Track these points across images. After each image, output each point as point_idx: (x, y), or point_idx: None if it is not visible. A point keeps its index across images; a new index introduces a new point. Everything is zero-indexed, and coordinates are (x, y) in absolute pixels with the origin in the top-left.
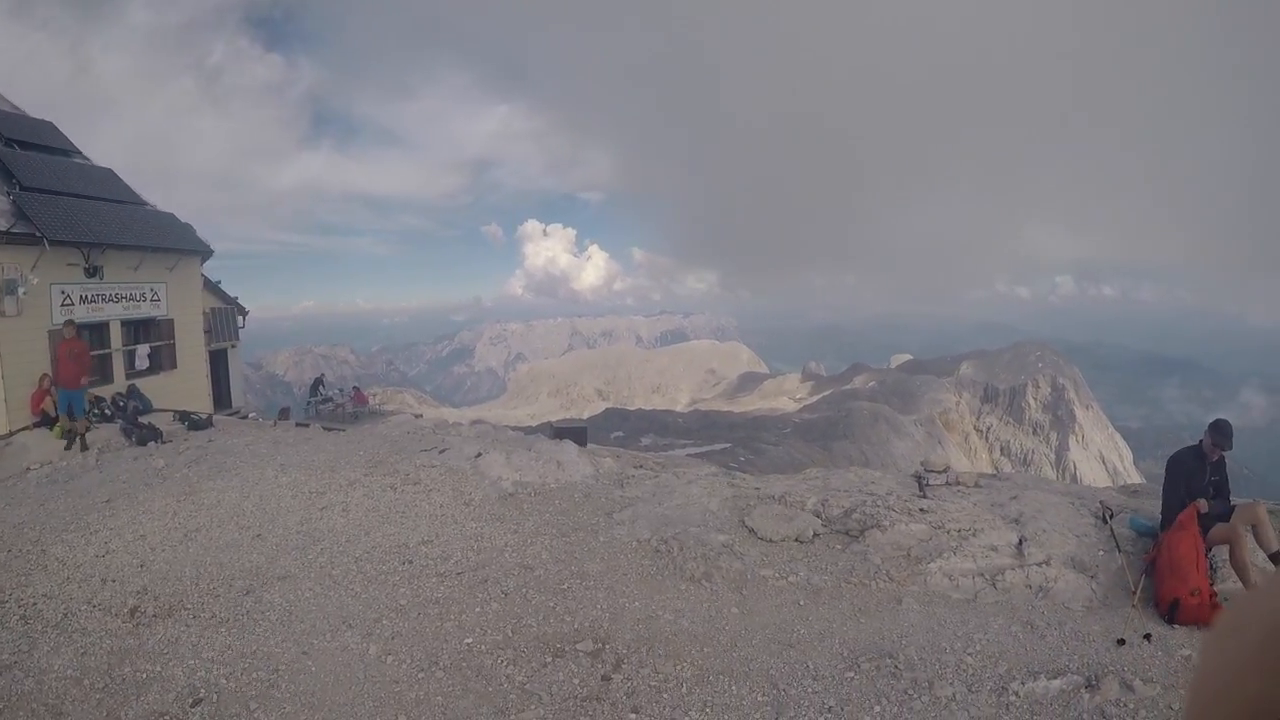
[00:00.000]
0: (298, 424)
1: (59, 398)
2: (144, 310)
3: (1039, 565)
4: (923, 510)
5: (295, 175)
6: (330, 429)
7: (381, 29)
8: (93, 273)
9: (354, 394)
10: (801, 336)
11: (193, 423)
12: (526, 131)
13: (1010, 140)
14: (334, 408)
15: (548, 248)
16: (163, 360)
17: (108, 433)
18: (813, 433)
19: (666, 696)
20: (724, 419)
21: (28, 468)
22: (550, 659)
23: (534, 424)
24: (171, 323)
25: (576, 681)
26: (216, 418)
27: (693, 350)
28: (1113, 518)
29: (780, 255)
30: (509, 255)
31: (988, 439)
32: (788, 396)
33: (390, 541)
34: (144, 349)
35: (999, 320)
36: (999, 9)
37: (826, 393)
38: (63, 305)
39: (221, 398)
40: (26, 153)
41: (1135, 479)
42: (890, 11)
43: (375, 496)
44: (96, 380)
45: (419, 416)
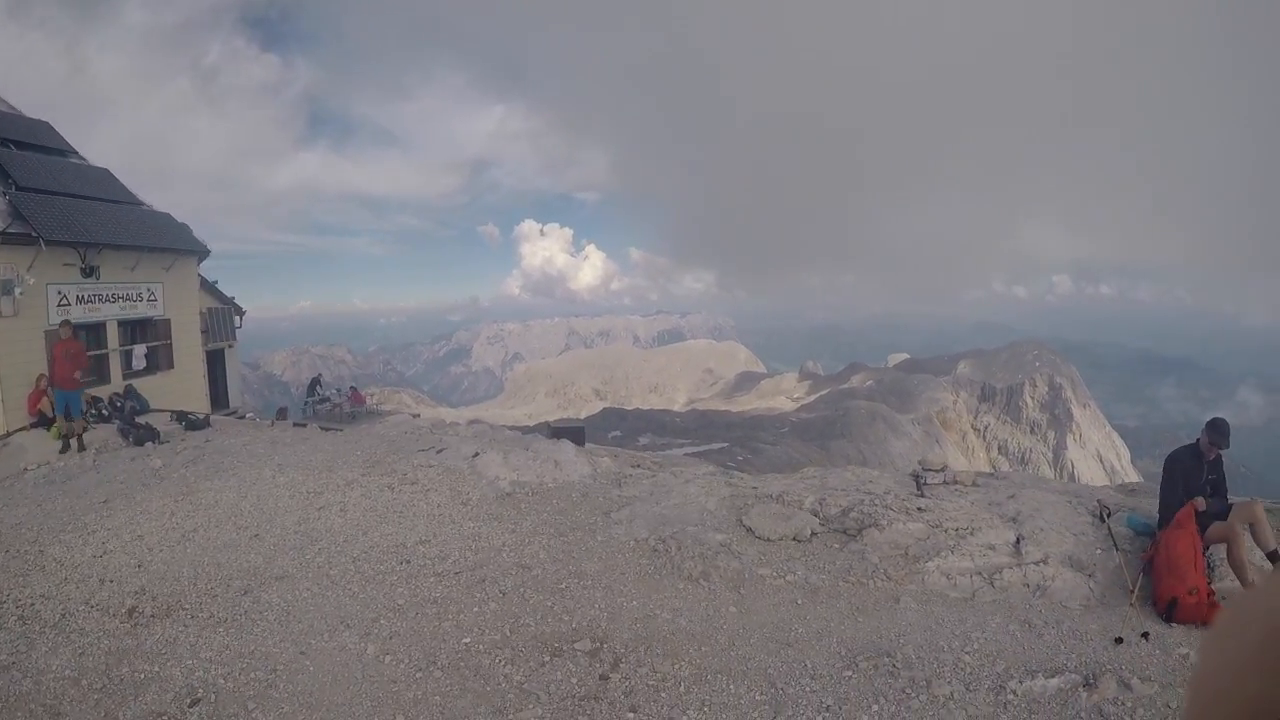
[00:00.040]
0: (295, 424)
1: (56, 399)
2: (141, 310)
3: (1036, 564)
4: (920, 509)
5: (292, 175)
6: (328, 429)
7: (378, 29)
8: (89, 273)
9: (351, 394)
10: (799, 336)
11: (190, 423)
12: (523, 131)
13: (1008, 140)
14: (331, 408)
15: (545, 248)
16: (160, 360)
17: (105, 433)
18: (810, 432)
19: (664, 696)
20: (721, 418)
21: (25, 468)
22: (548, 658)
23: (531, 424)
24: (168, 323)
25: (574, 681)
26: (214, 418)
27: (690, 350)
28: (1110, 516)
29: (778, 255)
30: (506, 255)
31: (985, 438)
32: (785, 396)
33: (388, 541)
34: (141, 349)
35: (996, 320)
36: (997, 9)
37: (824, 392)
38: (59, 305)
39: (219, 398)
40: (23, 153)
41: (1133, 478)
42: (888, 11)
43: (373, 496)
44: (93, 380)
45: (416, 416)
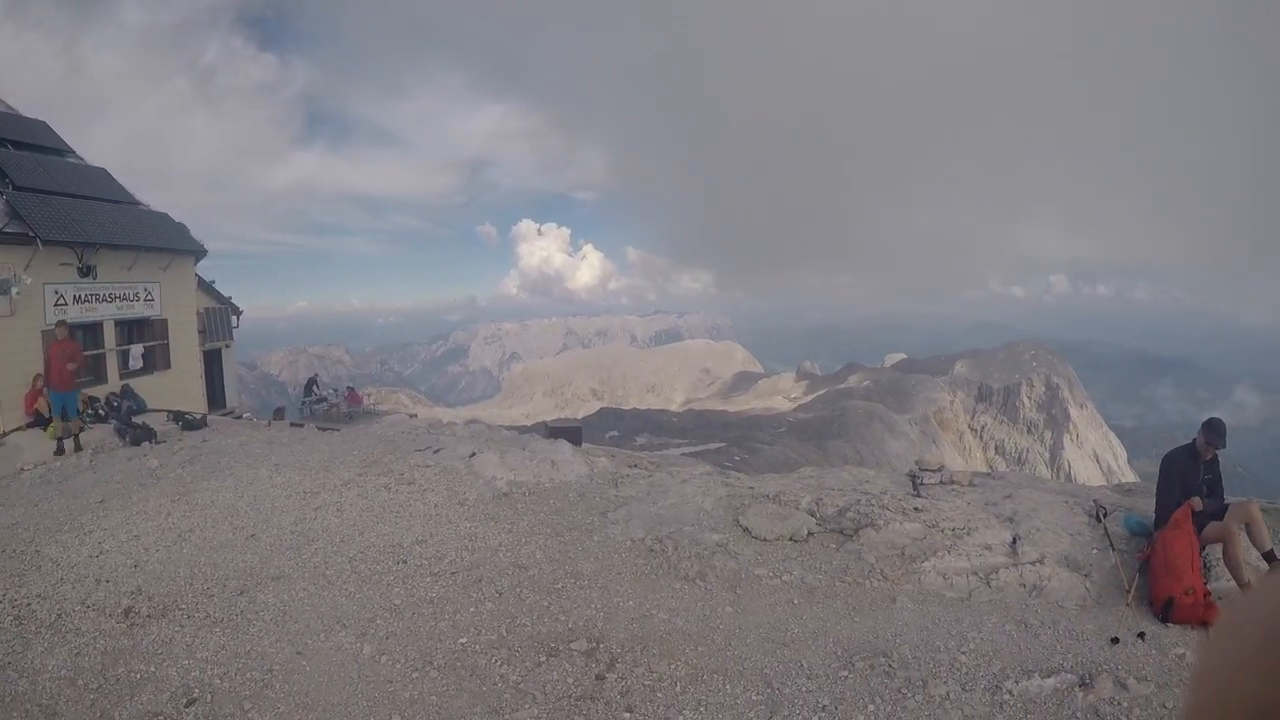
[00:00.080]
0: (292, 424)
1: (52, 400)
2: (138, 310)
3: (1033, 564)
4: (917, 509)
5: (289, 175)
6: (324, 429)
7: (376, 28)
8: (86, 272)
9: (348, 394)
10: (796, 336)
11: (187, 423)
12: (521, 131)
13: (1006, 140)
14: (328, 407)
15: (542, 247)
16: (156, 360)
17: (101, 433)
18: (807, 432)
19: (661, 695)
20: (719, 418)
21: (21, 468)
22: (545, 658)
23: (529, 424)
24: (165, 323)
25: (571, 681)
26: (211, 418)
27: (688, 350)
28: (1106, 516)
29: (775, 255)
30: (503, 255)
31: (982, 438)
32: (782, 396)
33: (384, 541)
34: (138, 349)
35: (993, 320)
36: (995, 9)
37: (821, 392)
38: (56, 305)
39: (216, 398)
40: (20, 152)
41: (1129, 478)
42: (885, 12)
43: (369, 496)
44: (90, 380)
45: (413, 416)
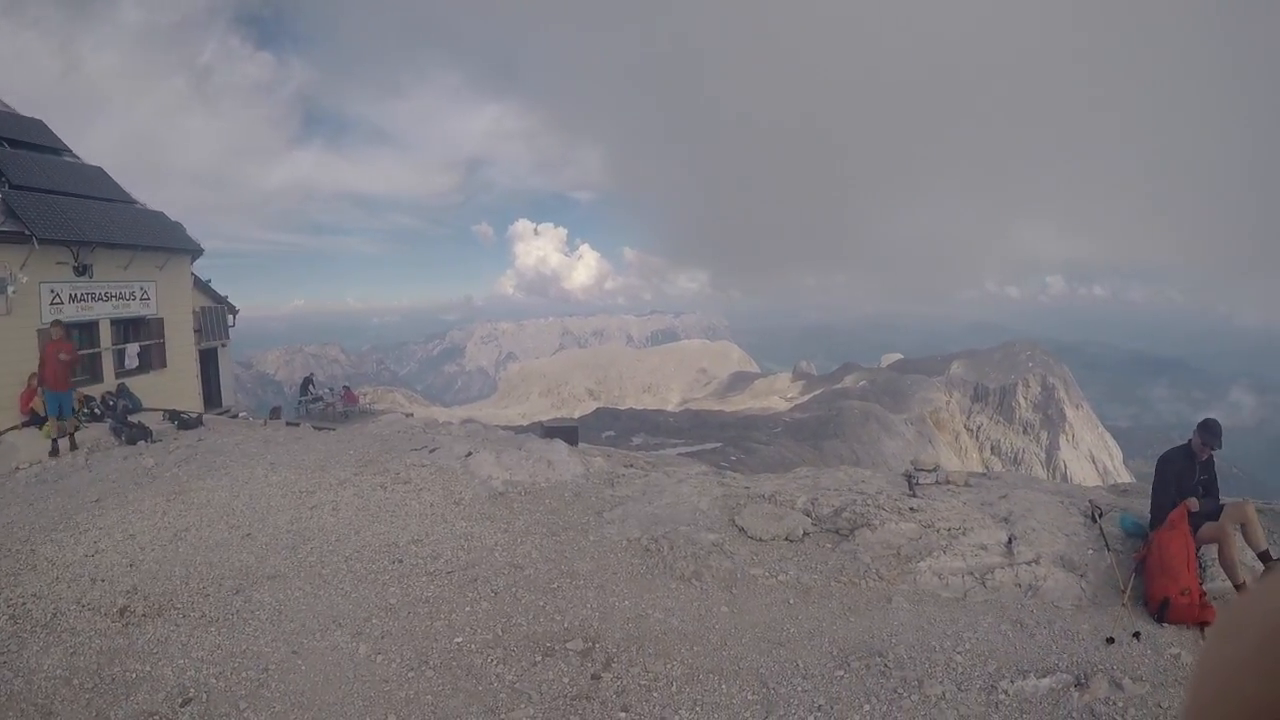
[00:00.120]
0: (288, 423)
1: (47, 399)
2: (134, 309)
3: (1028, 564)
4: (913, 509)
5: (286, 174)
6: (321, 428)
7: (373, 28)
8: (82, 271)
9: (344, 393)
10: (792, 336)
11: (183, 422)
12: (517, 131)
13: (1002, 140)
14: (324, 407)
15: (539, 247)
16: (152, 359)
17: (97, 432)
18: (803, 432)
19: (656, 695)
20: (715, 418)
21: (17, 467)
22: (540, 658)
23: (525, 423)
24: (161, 321)
25: (566, 680)
26: (206, 417)
27: (684, 350)
28: (1102, 516)
29: (772, 255)
30: (500, 254)
31: (978, 438)
32: (778, 396)
33: (380, 541)
34: (134, 348)
35: (989, 320)
36: (991, 10)
37: (817, 392)
38: (52, 304)
39: (212, 397)
40: (16, 151)
41: (1125, 478)
42: (881, 13)
43: (365, 495)
44: (86, 379)
45: (409, 416)
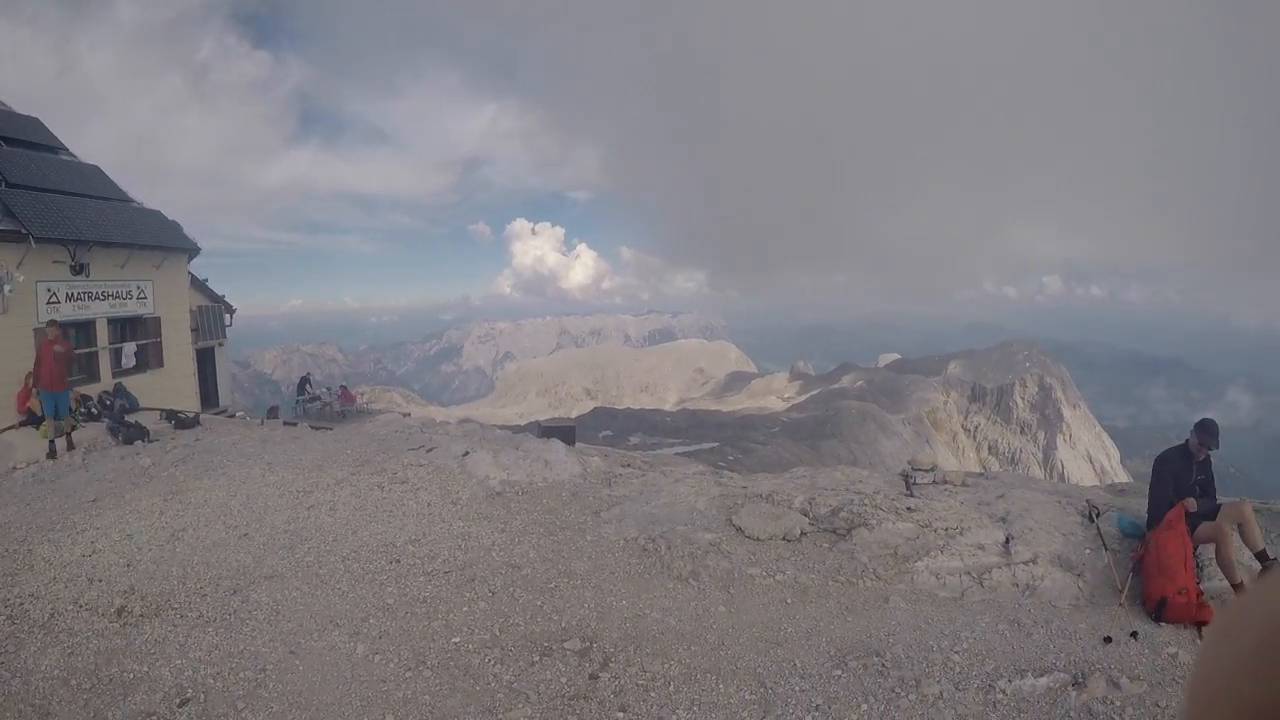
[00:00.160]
0: (285, 423)
1: (43, 400)
2: (130, 308)
3: (1026, 564)
4: (910, 509)
5: (283, 173)
6: (318, 428)
7: (370, 27)
8: (79, 270)
9: (341, 393)
10: (790, 336)
11: (180, 421)
12: (515, 130)
13: (999, 140)
14: (322, 406)
15: (536, 247)
16: (149, 358)
17: (94, 431)
18: (801, 432)
19: (654, 695)
20: (712, 418)
21: (14, 467)
22: (538, 658)
23: (522, 423)
24: (158, 321)
25: (564, 680)
26: (204, 416)
27: (681, 349)
28: (1099, 516)
29: (769, 255)
30: (497, 254)
31: (975, 438)
32: (776, 396)
33: (377, 540)
34: (130, 347)
35: (987, 320)
36: (990, 10)
37: (814, 392)
38: (49, 303)
39: (209, 396)
40: (12, 149)
41: (1122, 478)
42: (880, 12)
43: (362, 495)
44: (82, 379)
45: (407, 415)
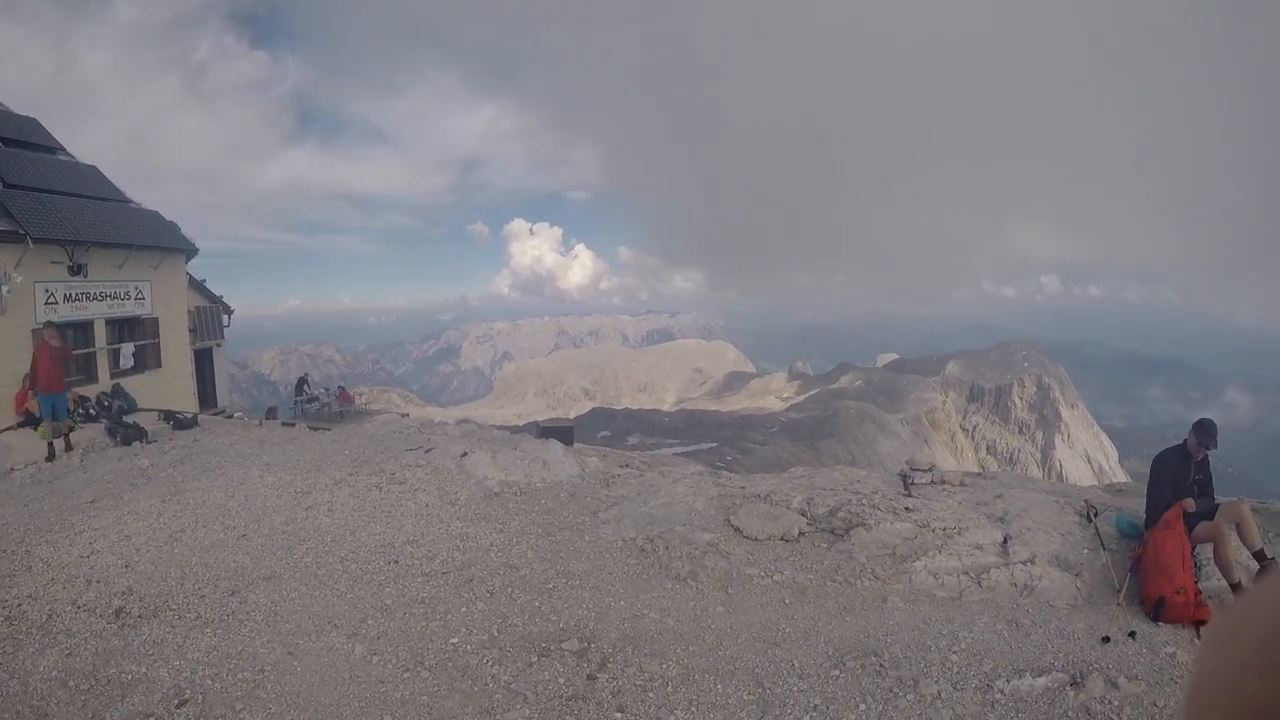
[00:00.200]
0: (283, 423)
1: (41, 402)
2: (128, 309)
3: (1024, 563)
4: (908, 509)
5: (281, 173)
6: (316, 428)
7: (368, 27)
8: (76, 271)
9: (339, 393)
10: (788, 336)
11: (178, 422)
12: (513, 130)
13: (997, 141)
14: (320, 407)
15: (534, 247)
16: (147, 359)
17: (92, 432)
18: (799, 432)
19: (652, 695)
20: (710, 418)
21: (12, 468)
22: (536, 658)
23: (520, 423)
24: (156, 321)
25: (562, 681)
26: (202, 417)
27: (679, 349)
28: (1097, 516)
29: (767, 255)
30: (495, 254)
31: (974, 438)
32: (774, 396)
33: (376, 541)
34: (128, 348)
35: (985, 320)
36: (987, 11)
37: (813, 392)
38: (47, 304)
39: (207, 397)
40: (10, 149)
41: (1120, 478)
42: (877, 13)
43: (361, 496)
44: (80, 379)
45: (405, 416)
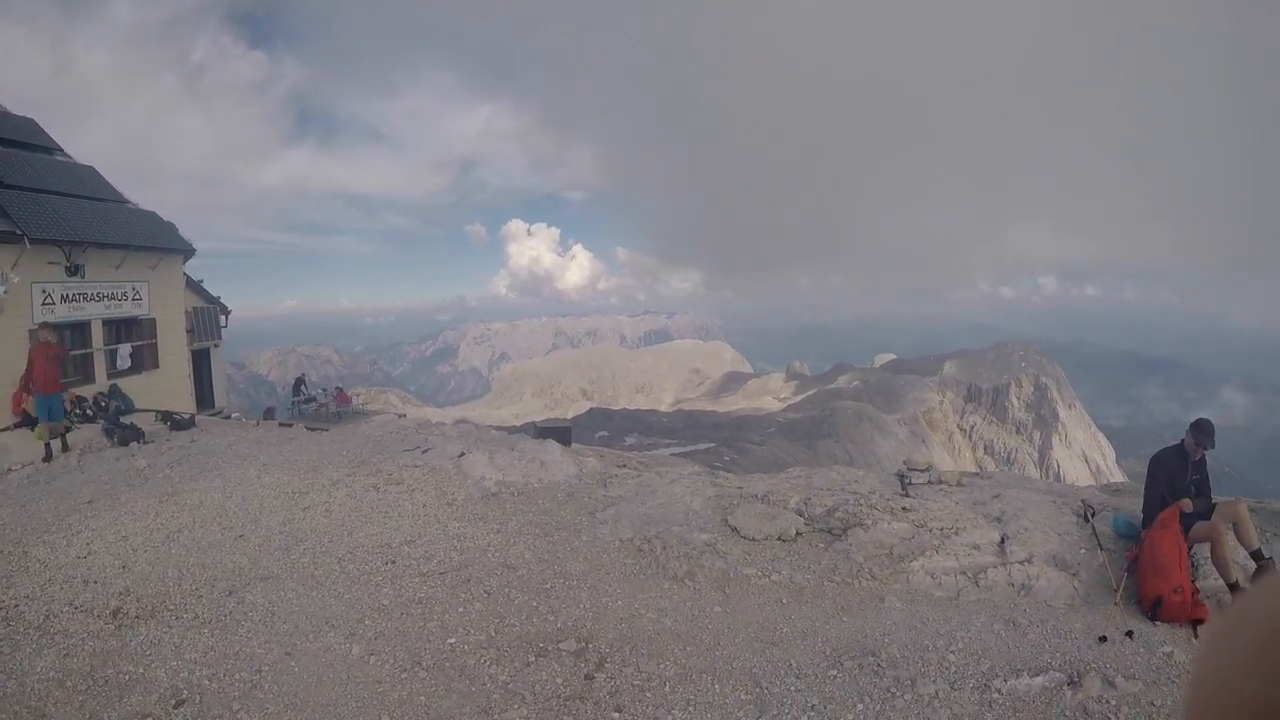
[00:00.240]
0: (281, 424)
1: (37, 403)
2: (126, 309)
3: (1021, 563)
4: (905, 509)
5: (279, 173)
6: (314, 429)
7: (367, 26)
8: (74, 271)
9: (337, 394)
10: (786, 336)
11: (175, 423)
12: (511, 130)
13: (995, 141)
14: (318, 407)
15: (532, 247)
16: (145, 360)
17: (89, 433)
18: (797, 432)
19: (650, 695)
20: (708, 418)
21: (9, 469)
22: (533, 658)
23: (518, 424)
24: (153, 322)
25: (560, 681)
26: (199, 418)
27: (677, 350)
28: (1094, 516)
29: (765, 255)
30: (493, 255)
31: (971, 438)
32: (772, 396)
33: (373, 541)
34: (126, 348)
35: (983, 320)
36: (986, 10)
37: (810, 392)
38: (44, 304)
39: (204, 397)
40: (7, 150)
41: (1118, 478)
42: (876, 12)
43: (358, 496)
44: (77, 380)
45: (402, 416)
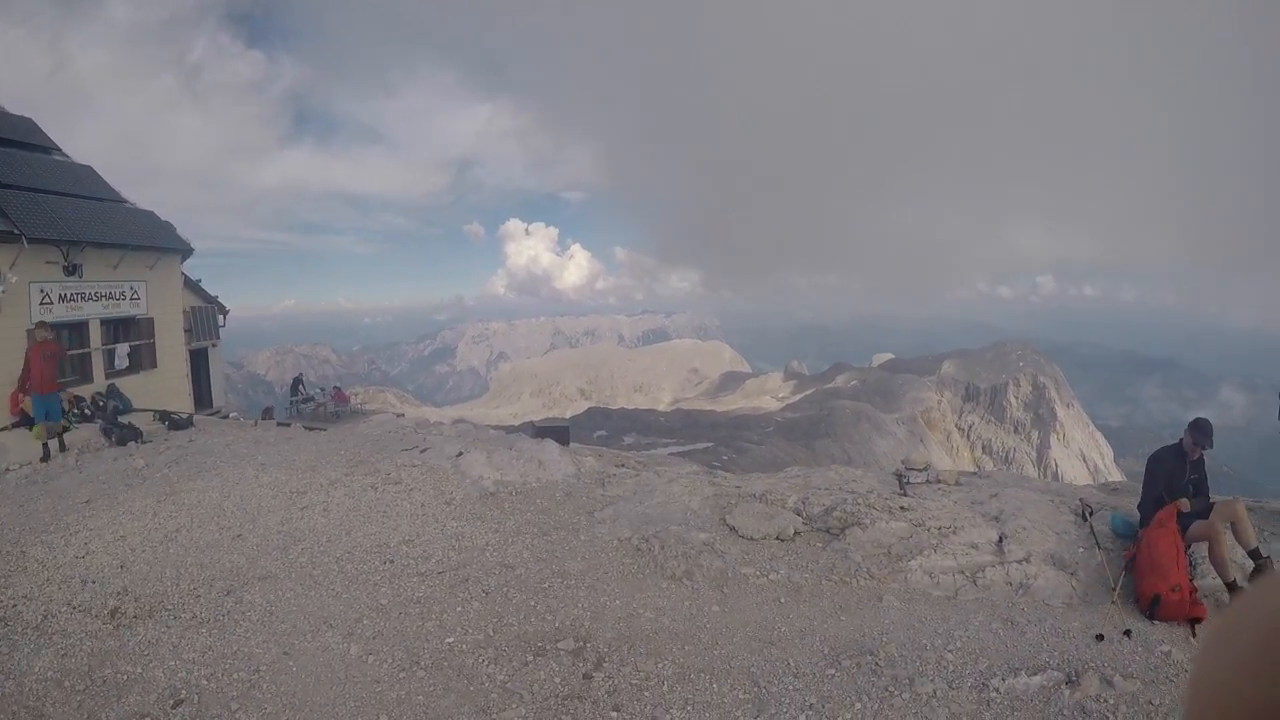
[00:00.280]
0: (279, 424)
1: (34, 404)
2: (124, 309)
3: (1019, 562)
4: (903, 508)
5: (277, 173)
6: (312, 428)
7: (364, 26)
8: (72, 271)
9: (335, 393)
10: (784, 336)
11: (173, 422)
12: (509, 130)
13: (994, 140)
14: (315, 407)
15: (530, 247)
16: (143, 359)
17: (87, 433)
18: (795, 431)
19: (648, 695)
20: (706, 418)
21: (7, 469)
22: (531, 658)
23: (516, 423)
24: (151, 321)
25: (558, 680)
26: (197, 417)
27: (675, 349)
28: (1092, 515)
29: (763, 255)
30: (491, 254)
31: (969, 437)
32: (770, 395)
33: (371, 541)
34: (124, 348)
35: (981, 320)
36: (985, 10)
37: (809, 392)
38: (41, 304)
39: (202, 397)
40: (5, 149)
41: (1116, 477)
42: (874, 11)
43: (356, 496)
44: (75, 380)
45: (400, 416)
